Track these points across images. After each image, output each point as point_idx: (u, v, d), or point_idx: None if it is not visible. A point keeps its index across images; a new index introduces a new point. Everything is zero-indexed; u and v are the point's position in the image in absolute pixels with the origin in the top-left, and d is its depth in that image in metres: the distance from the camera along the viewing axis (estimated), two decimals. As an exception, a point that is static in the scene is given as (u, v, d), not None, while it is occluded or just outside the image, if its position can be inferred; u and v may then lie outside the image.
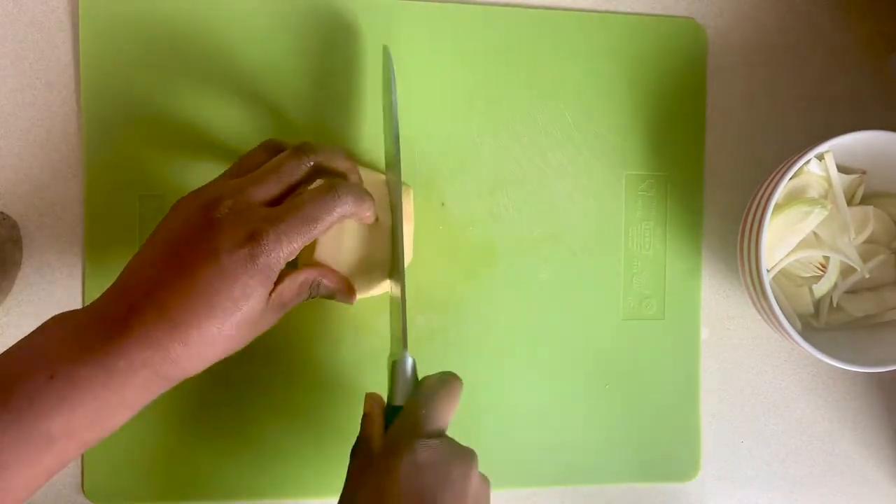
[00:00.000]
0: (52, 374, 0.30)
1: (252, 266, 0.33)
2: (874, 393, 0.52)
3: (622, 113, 0.49)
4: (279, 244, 0.33)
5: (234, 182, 0.36)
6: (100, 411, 0.31)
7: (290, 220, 0.34)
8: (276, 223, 0.34)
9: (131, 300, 0.32)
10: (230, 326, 0.33)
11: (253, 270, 0.33)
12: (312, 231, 0.35)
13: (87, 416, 0.31)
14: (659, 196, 0.49)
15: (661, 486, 0.50)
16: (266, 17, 0.45)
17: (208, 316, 0.32)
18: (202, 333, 0.32)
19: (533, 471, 0.48)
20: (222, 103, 0.45)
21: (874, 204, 0.47)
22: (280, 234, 0.34)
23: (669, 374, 0.50)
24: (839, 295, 0.47)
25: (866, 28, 0.51)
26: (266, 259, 0.33)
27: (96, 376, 0.31)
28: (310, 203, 0.35)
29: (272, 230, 0.33)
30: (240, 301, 0.33)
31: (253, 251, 0.33)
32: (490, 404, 0.48)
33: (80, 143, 0.45)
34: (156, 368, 0.32)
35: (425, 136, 0.47)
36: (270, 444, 0.46)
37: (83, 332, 0.32)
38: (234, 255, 0.33)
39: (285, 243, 0.34)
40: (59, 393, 0.30)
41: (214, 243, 0.33)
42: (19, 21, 0.44)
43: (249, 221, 0.33)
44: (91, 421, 0.31)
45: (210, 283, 0.32)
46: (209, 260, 0.32)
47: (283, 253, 0.34)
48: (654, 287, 0.49)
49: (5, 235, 0.43)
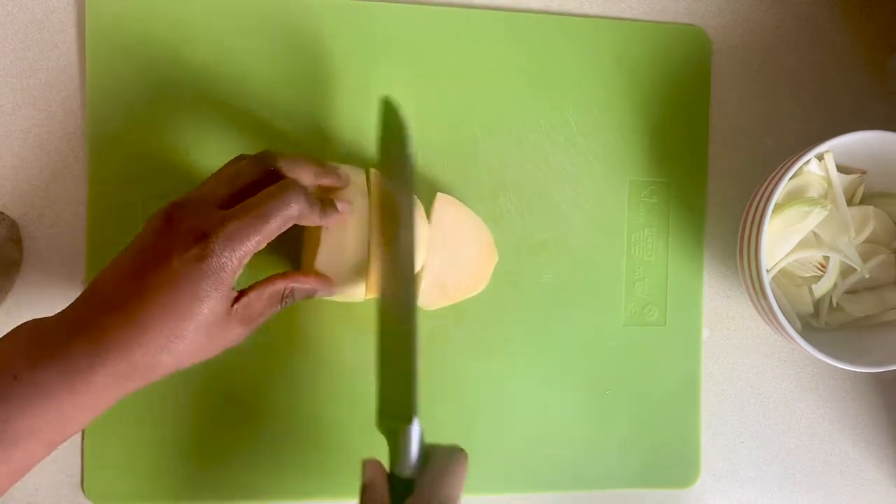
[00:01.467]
0: (15, 376, 0.31)
1: (203, 267, 0.33)
2: (874, 393, 0.52)
3: (626, 119, 0.49)
4: (230, 244, 0.33)
5: (195, 191, 0.36)
6: (64, 412, 0.32)
7: (240, 221, 0.34)
8: (225, 224, 0.34)
9: (94, 304, 0.33)
10: (187, 331, 0.33)
11: (204, 272, 0.33)
12: (263, 231, 0.34)
13: (52, 417, 0.32)
14: (661, 202, 0.49)
15: (660, 492, 0.50)
16: (268, 19, 0.45)
17: (162, 317, 0.33)
18: (158, 337, 0.33)
19: (532, 476, 0.48)
20: (227, 103, 0.45)
21: (874, 204, 0.47)
22: (231, 235, 0.33)
23: (670, 381, 0.49)
24: (839, 295, 0.47)
25: (866, 28, 0.51)
26: (217, 260, 0.33)
27: (60, 378, 0.32)
28: (260, 203, 0.35)
29: (222, 231, 0.33)
30: (193, 304, 0.33)
31: (203, 252, 0.33)
32: (490, 408, 0.48)
33: (80, 143, 0.45)
34: (117, 371, 0.32)
35: (428, 139, 0.47)
36: (270, 445, 0.46)
37: (48, 335, 0.33)
38: (184, 257, 0.33)
39: (237, 244, 0.34)
40: (24, 394, 0.31)
41: (168, 247, 0.33)
42: (20, 21, 0.44)
43: (201, 224, 0.34)
44: (56, 421, 0.32)
45: (163, 286, 0.33)
46: (162, 263, 0.33)
47: (236, 254, 0.34)
48: (656, 293, 0.49)
49: (5, 235, 0.43)
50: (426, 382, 0.46)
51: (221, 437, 0.45)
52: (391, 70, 0.46)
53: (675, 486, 0.50)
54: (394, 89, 0.46)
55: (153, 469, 0.45)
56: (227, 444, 0.45)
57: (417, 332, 0.38)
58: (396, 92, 0.46)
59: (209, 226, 0.34)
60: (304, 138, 0.45)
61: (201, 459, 0.45)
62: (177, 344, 0.33)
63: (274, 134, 0.45)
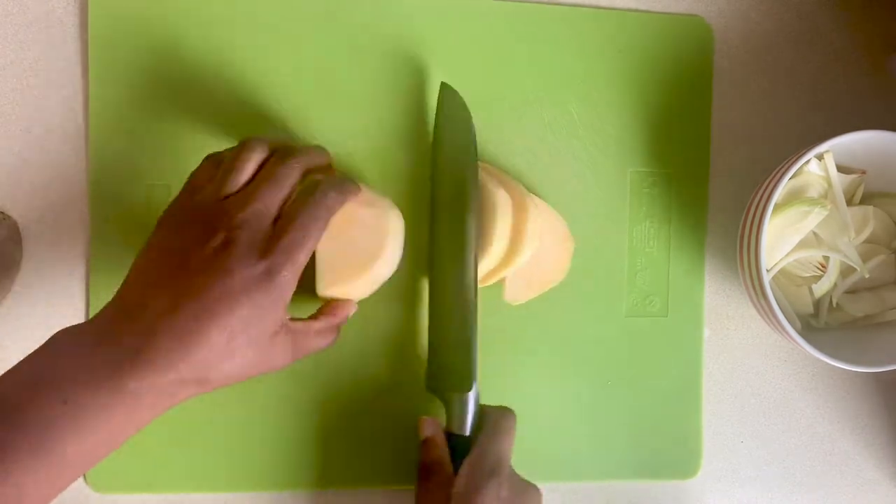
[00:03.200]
0: (65, 399, 0.31)
1: (267, 285, 0.33)
2: (874, 393, 0.52)
3: (628, 109, 0.49)
4: (290, 258, 0.34)
5: (234, 199, 0.35)
6: (112, 432, 0.32)
7: (296, 232, 0.35)
8: (282, 237, 0.34)
9: (142, 325, 0.32)
10: (240, 349, 0.33)
11: (268, 289, 0.33)
12: (316, 236, 0.36)
13: (100, 438, 0.32)
14: (663, 193, 0.49)
15: (661, 485, 0.50)
16: (271, 15, 0.45)
17: (218, 336, 0.32)
18: (210, 356, 0.33)
19: (533, 466, 0.48)
20: (229, 103, 0.45)
21: (874, 204, 0.47)
22: (289, 248, 0.34)
23: (672, 371, 0.50)
24: (839, 295, 0.47)
25: (866, 28, 0.51)
26: (280, 276, 0.34)
27: (109, 401, 0.31)
28: (303, 212, 0.36)
29: (281, 245, 0.34)
30: (252, 321, 0.33)
31: (269, 268, 0.33)
32: (491, 399, 0.47)
33: (80, 143, 0.45)
34: (165, 391, 0.32)
35: (428, 131, 0.47)
36: (275, 433, 0.46)
37: (95, 357, 0.32)
38: (247, 274, 0.33)
39: (296, 255, 0.34)
40: (74, 418, 0.31)
41: (228, 264, 0.33)
42: (20, 21, 0.44)
43: (257, 240, 0.34)
44: (103, 441, 0.32)
45: (222, 303, 0.32)
46: (223, 282, 0.33)
47: (295, 267, 0.34)
48: (658, 284, 0.49)
49: (5, 235, 0.43)
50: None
51: (225, 426, 0.45)
52: (390, 63, 0.46)
53: (676, 477, 0.50)
54: (396, 82, 0.46)
55: (156, 458, 0.45)
56: (230, 432, 0.45)
57: (477, 306, 0.42)
58: (399, 84, 0.46)
59: (267, 244, 0.34)
60: (313, 133, 0.46)
61: (205, 448, 0.45)
62: (229, 362, 0.33)
63: (281, 132, 0.45)
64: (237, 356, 0.33)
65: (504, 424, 0.42)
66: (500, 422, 0.42)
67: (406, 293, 0.47)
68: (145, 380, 0.32)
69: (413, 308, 0.47)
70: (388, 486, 0.47)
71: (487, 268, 0.44)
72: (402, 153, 0.47)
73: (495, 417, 0.42)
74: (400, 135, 0.46)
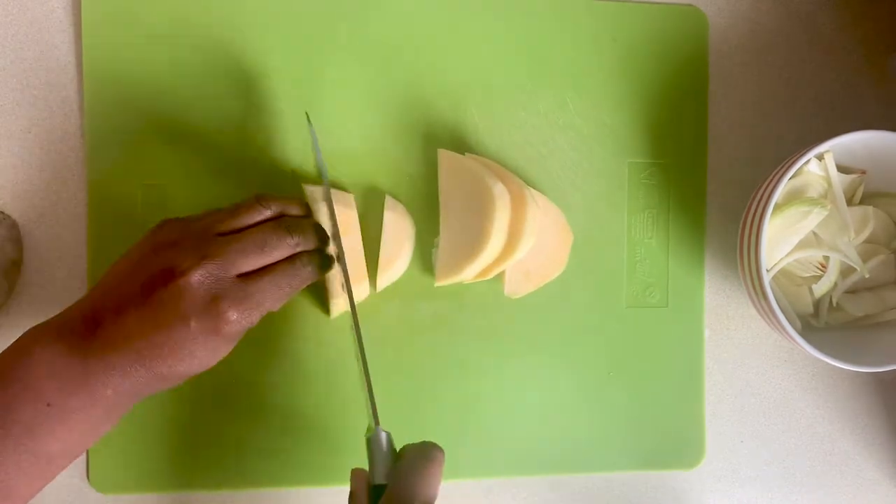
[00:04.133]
0: (49, 403, 0.34)
1: (223, 333, 0.36)
2: (874, 393, 0.52)
3: (625, 100, 0.49)
4: (249, 315, 0.36)
5: (220, 242, 0.37)
6: (92, 429, 0.35)
7: (261, 294, 0.37)
8: (250, 297, 0.36)
9: (107, 339, 0.35)
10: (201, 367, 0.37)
11: (225, 335, 0.36)
12: (279, 301, 0.38)
13: (81, 435, 0.35)
14: (662, 184, 0.49)
15: (662, 482, 0.50)
16: (269, 16, 0.45)
17: (177, 363, 0.35)
18: (173, 373, 0.36)
19: (534, 458, 0.48)
20: (229, 103, 0.45)
21: (874, 204, 0.47)
22: (251, 308, 0.36)
23: (673, 361, 0.50)
24: (839, 295, 0.47)
25: (866, 28, 0.51)
26: (235, 325, 0.36)
27: (88, 403, 0.34)
28: (280, 278, 0.38)
29: (244, 303, 0.36)
30: (206, 357, 0.36)
31: (221, 323, 0.35)
32: (493, 391, 0.48)
33: (80, 143, 0.45)
34: (137, 391, 0.36)
35: (425, 122, 0.47)
36: (274, 433, 0.46)
37: (69, 365, 0.34)
38: (204, 324, 0.35)
39: (256, 313, 0.37)
40: (57, 419, 0.34)
41: (184, 311, 0.35)
42: (19, 21, 0.44)
43: (223, 291, 0.36)
44: (84, 438, 0.35)
45: (181, 345, 0.35)
46: (180, 321, 0.35)
47: (251, 321, 0.37)
48: (658, 275, 0.49)
49: (5, 235, 0.43)
50: (429, 367, 0.47)
51: (226, 426, 0.45)
52: (388, 56, 0.46)
53: (679, 467, 0.50)
54: (391, 75, 0.46)
55: (157, 458, 0.45)
56: (231, 432, 0.46)
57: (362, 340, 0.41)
58: (393, 78, 0.46)
59: (231, 293, 0.36)
60: (305, 131, 0.46)
61: (206, 448, 0.45)
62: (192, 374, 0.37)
63: (279, 137, 0.46)
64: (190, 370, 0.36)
65: (420, 464, 0.36)
66: (415, 461, 0.36)
67: (407, 293, 0.47)
68: (117, 387, 0.35)
69: (413, 306, 0.47)
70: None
71: (486, 262, 0.44)
72: (401, 151, 0.47)
73: (411, 457, 0.36)
74: (396, 132, 0.47)
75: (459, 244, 0.44)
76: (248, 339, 0.38)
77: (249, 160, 0.45)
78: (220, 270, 0.36)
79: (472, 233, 0.43)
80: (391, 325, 0.47)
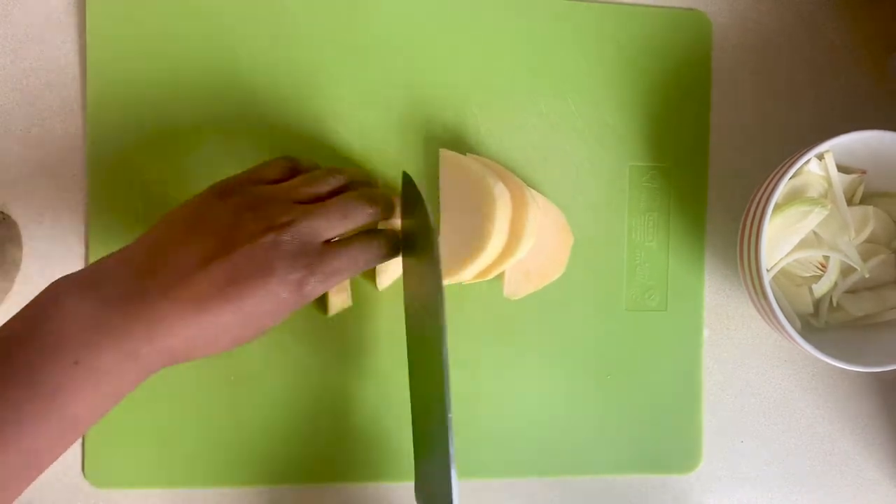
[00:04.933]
0: (76, 360, 0.31)
1: (298, 298, 0.35)
2: (874, 393, 0.52)
3: (626, 103, 0.49)
4: (325, 282, 0.36)
5: (305, 209, 0.37)
6: (121, 390, 0.33)
7: (339, 262, 0.37)
8: (326, 261, 0.36)
9: (166, 280, 0.33)
10: (250, 337, 0.35)
11: (297, 301, 0.35)
12: (353, 273, 0.38)
13: (109, 397, 0.32)
14: (662, 187, 0.49)
15: (662, 481, 0.50)
16: (269, 13, 0.45)
17: (235, 325, 0.34)
18: (221, 339, 0.34)
19: (532, 460, 0.48)
20: (229, 103, 0.45)
21: (874, 204, 0.47)
22: (329, 275, 0.36)
23: (672, 365, 0.50)
24: (839, 294, 0.47)
25: (866, 28, 0.51)
26: (312, 292, 0.36)
27: (120, 364, 0.32)
28: (356, 249, 0.38)
29: (323, 268, 0.36)
30: (266, 316, 0.35)
31: (303, 283, 0.35)
32: (491, 392, 0.48)
33: (80, 143, 0.45)
34: (173, 353, 0.33)
35: (427, 122, 0.47)
36: (272, 429, 0.46)
37: (107, 313, 0.32)
38: (285, 281, 0.34)
39: (331, 282, 0.36)
40: (85, 380, 0.31)
41: (272, 261, 0.34)
42: (19, 22, 0.44)
43: (303, 252, 0.35)
44: (111, 400, 0.33)
45: (250, 298, 0.34)
46: (262, 273, 0.34)
47: (322, 288, 0.36)
48: (657, 278, 0.49)
49: (5, 235, 0.43)
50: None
51: (224, 422, 0.45)
52: (390, 56, 0.46)
53: (676, 471, 0.50)
54: (392, 74, 0.46)
55: (154, 453, 0.45)
56: (229, 428, 0.45)
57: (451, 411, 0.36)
58: (395, 77, 0.46)
59: (315, 262, 0.35)
60: (312, 132, 0.46)
61: (203, 444, 0.45)
62: (234, 344, 0.35)
63: (280, 135, 0.46)
64: (238, 336, 0.35)
65: None
66: None
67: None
68: (157, 342, 0.32)
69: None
70: (381, 482, 0.47)
71: (486, 262, 0.44)
72: (401, 150, 0.47)
73: None
74: (397, 131, 0.47)
75: (459, 244, 0.44)
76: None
77: (250, 160, 0.45)
78: (308, 234, 0.36)
79: (472, 233, 0.43)
80: (391, 325, 0.47)
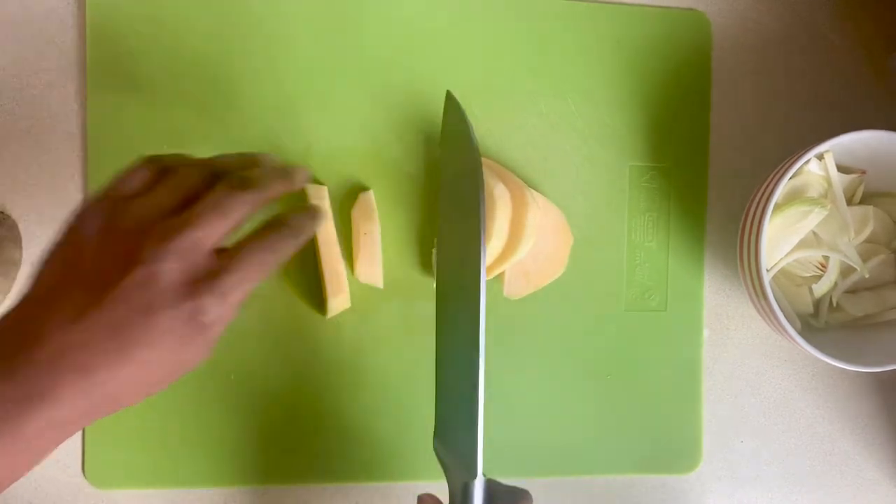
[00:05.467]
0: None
1: (199, 326, 0.29)
2: (874, 393, 0.52)
3: (626, 103, 0.49)
4: (229, 298, 0.30)
5: (173, 221, 0.30)
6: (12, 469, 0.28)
7: (230, 277, 0.30)
8: (217, 277, 0.30)
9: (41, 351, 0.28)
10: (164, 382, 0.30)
11: (202, 329, 0.29)
12: (251, 283, 0.31)
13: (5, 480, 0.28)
14: (662, 188, 0.49)
15: (661, 481, 0.50)
16: (269, 13, 0.45)
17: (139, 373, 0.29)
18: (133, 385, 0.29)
19: (532, 460, 0.48)
20: (229, 103, 0.45)
21: (874, 204, 0.47)
22: (231, 289, 0.30)
23: (671, 366, 0.50)
24: (839, 294, 0.47)
25: (866, 28, 0.51)
26: (215, 313, 0.30)
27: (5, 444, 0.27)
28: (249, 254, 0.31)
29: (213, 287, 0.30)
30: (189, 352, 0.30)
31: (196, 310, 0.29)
32: (490, 393, 0.47)
33: (80, 143, 0.45)
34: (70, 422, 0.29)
35: (427, 121, 0.47)
36: (272, 428, 0.46)
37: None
38: (176, 318, 0.29)
39: (227, 299, 0.30)
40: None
41: (150, 300, 0.28)
42: (20, 21, 0.44)
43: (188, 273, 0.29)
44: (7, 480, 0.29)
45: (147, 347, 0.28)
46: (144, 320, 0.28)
47: (224, 310, 0.30)
48: (657, 278, 0.49)
49: (5, 235, 0.43)
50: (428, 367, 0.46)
51: (224, 422, 0.45)
52: (389, 56, 0.46)
53: (676, 471, 0.50)
54: (393, 74, 0.46)
55: (154, 453, 0.45)
56: (229, 428, 0.45)
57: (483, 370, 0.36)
58: (395, 77, 0.46)
59: (202, 277, 0.29)
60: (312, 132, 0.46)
61: (202, 445, 0.45)
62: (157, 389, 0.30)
63: (280, 137, 0.46)
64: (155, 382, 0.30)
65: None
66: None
67: (408, 293, 0.47)
68: (45, 420, 0.27)
69: (412, 306, 0.47)
70: (381, 482, 0.47)
71: (486, 262, 0.44)
72: (402, 150, 0.47)
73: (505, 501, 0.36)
74: (400, 131, 0.47)
75: None
76: (243, 337, 0.38)
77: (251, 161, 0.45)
78: (187, 251, 0.29)
79: None
80: (391, 324, 0.47)
